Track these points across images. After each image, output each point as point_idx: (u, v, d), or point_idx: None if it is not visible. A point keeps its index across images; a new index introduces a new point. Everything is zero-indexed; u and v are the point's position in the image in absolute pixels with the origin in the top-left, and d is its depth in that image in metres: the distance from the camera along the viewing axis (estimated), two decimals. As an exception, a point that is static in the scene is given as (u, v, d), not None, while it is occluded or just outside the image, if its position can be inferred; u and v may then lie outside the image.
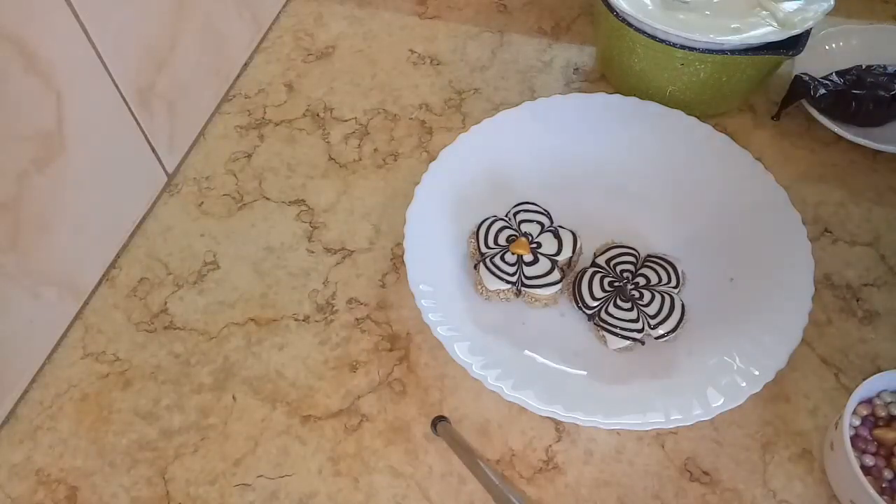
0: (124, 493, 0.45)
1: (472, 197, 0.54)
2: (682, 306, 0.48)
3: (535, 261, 0.50)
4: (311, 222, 0.57)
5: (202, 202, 0.58)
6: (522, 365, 0.47)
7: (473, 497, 0.44)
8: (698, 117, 0.55)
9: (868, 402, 0.44)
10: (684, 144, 0.55)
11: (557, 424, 0.47)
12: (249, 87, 0.66)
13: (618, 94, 0.57)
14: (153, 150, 0.56)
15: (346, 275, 0.54)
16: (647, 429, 0.44)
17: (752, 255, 0.50)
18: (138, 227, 0.56)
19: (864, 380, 0.43)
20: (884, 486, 0.41)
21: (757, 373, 0.44)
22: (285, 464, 0.46)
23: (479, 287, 0.49)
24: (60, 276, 0.50)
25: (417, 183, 0.52)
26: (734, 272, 0.50)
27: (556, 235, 0.51)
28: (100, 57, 0.48)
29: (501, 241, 0.51)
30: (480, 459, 0.42)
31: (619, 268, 0.50)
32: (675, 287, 0.49)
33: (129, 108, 0.52)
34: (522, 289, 0.49)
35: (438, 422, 0.45)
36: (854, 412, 0.43)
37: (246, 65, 0.67)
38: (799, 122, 0.60)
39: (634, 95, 0.57)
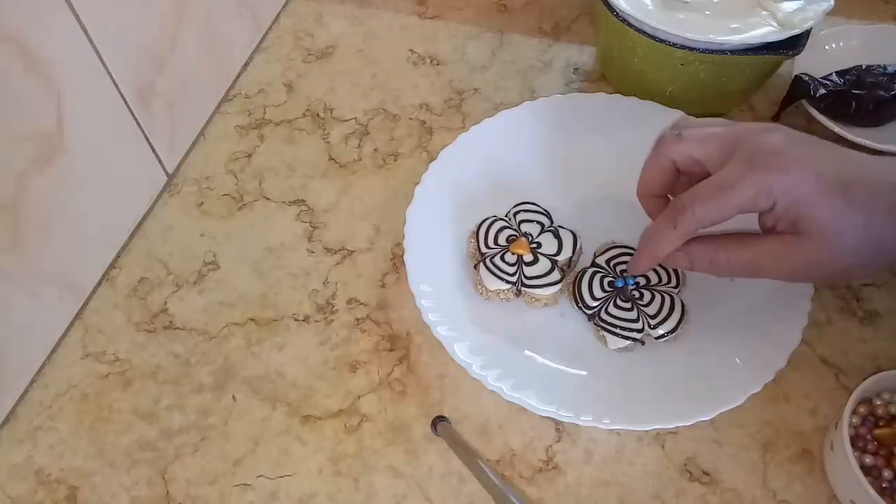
0: (124, 493, 0.45)
1: (472, 197, 0.54)
2: (682, 306, 0.48)
3: (535, 261, 0.50)
4: (311, 222, 0.57)
5: (202, 202, 0.58)
6: (522, 365, 0.47)
7: (473, 497, 0.44)
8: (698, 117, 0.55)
9: (868, 402, 0.44)
10: (684, 144, 0.55)
11: (557, 424, 0.47)
12: (249, 87, 0.66)
13: (618, 94, 0.57)
14: (153, 150, 0.56)
15: (346, 275, 0.54)
16: (647, 429, 0.44)
17: (752, 255, 0.50)
18: (138, 227, 0.56)
19: (864, 380, 0.43)
20: (884, 486, 0.41)
21: (757, 373, 0.44)
22: (285, 464, 0.46)
23: (479, 287, 0.49)
24: (60, 276, 0.50)
25: (417, 183, 0.52)
26: (734, 272, 0.50)
27: (556, 235, 0.51)
28: (100, 57, 0.48)
29: (501, 241, 0.51)
30: (480, 459, 0.42)
31: (619, 268, 0.50)
32: (675, 287, 0.49)
33: (129, 108, 0.52)
34: (522, 289, 0.49)
35: (438, 422, 0.45)
36: (854, 412, 0.43)
37: (246, 65, 0.67)
38: (799, 122, 0.60)
39: (634, 95, 0.57)
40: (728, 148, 0.39)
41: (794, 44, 0.54)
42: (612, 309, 0.48)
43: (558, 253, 0.50)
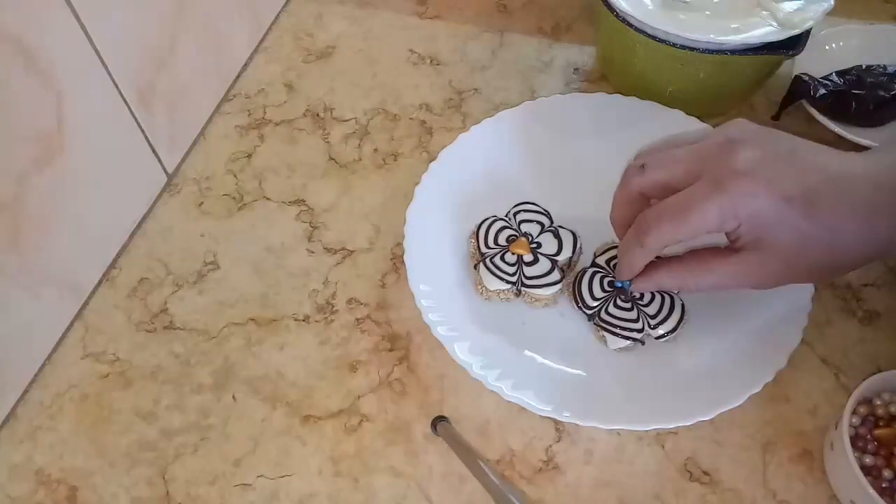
0: (124, 493, 0.45)
1: (472, 197, 0.54)
2: (682, 306, 0.48)
3: (535, 261, 0.50)
4: (311, 222, 0.57)
5: (202, 202, 0.58)
6: (522, 365, 0.47)
7: (473, 497, 0.44)
8: (698, 117, 0.55)
9: (868, 402, 0.44)
10: (684, 144, 0.55)
11: (557, 424, 0.47)
12: (249, 87, 0.66)
13: (618, 94, 0.57)
14: (153, 150, 0.56)
15: (346, 275, 0.54)
16: (647, 429, 0.44)
17: (752, 255, 0.50)
18: (138, 227, 0.56)
19: (864, 380, 0.43)
20: (884, 486, 0.41)
21: (757, 373, 0.44)
22: (285, 464, 0.46)
23: (479, 287, 0.49)
24: (60, 276, 0.50)
25: (417, 183, 0.52)
26: (734, 272, 0.50)
27: (556, 235, 0.51)
28: (100, 57, 0.48)
29: (501, 241, 0.51)
30: (480, 459, 0.42)
31: (619, 268, 0.50)
32: (675, 287, 0.49)
33: (129, 108, 0.52)
34: (522, 289, 0.49)
35: (438, 422, 0.45)
36: (854, 412, 0.43)
37: (246, 65, 0.67)
38: (799, 122, 0.60)
39: (634, 95, 0.57)
40: (694, 169, 0.40)
41: (794, 44, 0.54)
42: (612, 309, 0.48)
43: (558, 253, 0.50)
